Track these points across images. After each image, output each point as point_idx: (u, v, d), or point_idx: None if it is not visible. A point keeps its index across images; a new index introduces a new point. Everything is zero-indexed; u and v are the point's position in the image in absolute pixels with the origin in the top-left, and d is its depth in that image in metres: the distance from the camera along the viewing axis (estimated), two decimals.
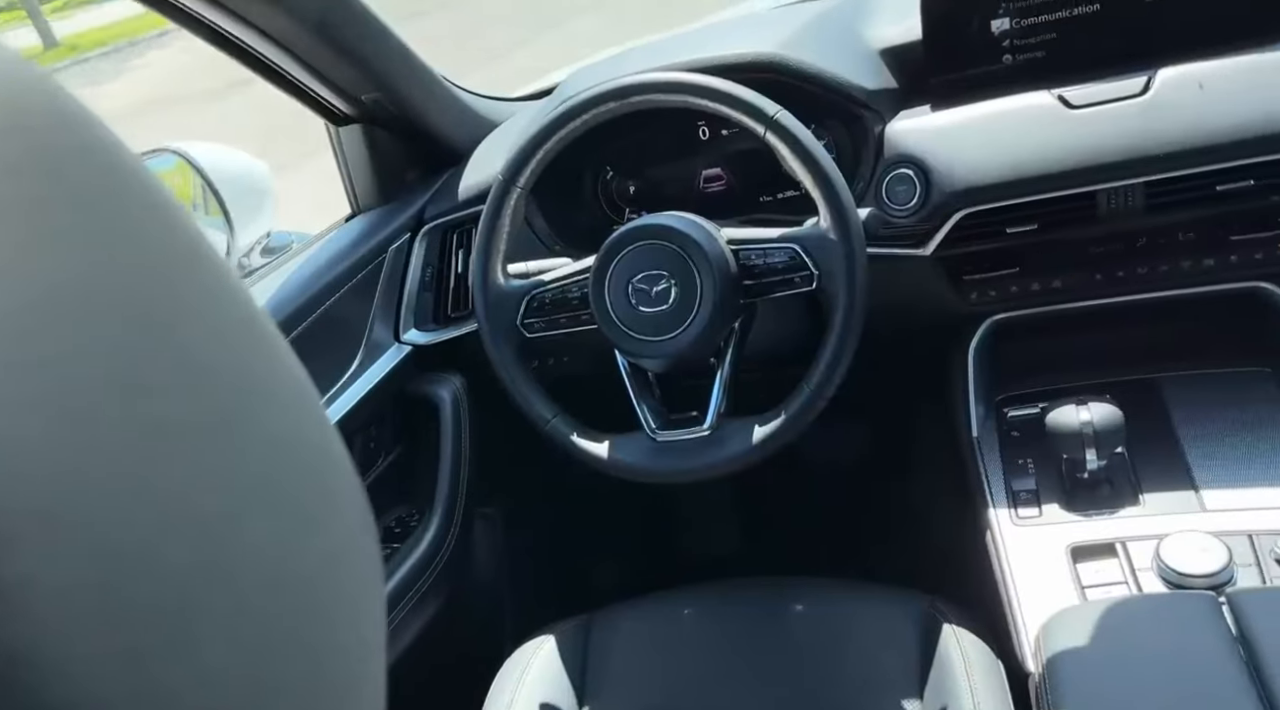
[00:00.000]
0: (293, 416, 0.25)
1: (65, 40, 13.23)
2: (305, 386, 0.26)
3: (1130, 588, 0.84)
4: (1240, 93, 0.92)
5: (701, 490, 1.53)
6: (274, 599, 0.22)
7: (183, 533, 0.19)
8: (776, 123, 0.92)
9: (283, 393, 0.25)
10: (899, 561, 1.22)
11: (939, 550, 1.12)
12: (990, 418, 1.08)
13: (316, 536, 0.25)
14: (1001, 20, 1.03)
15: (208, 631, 0.19)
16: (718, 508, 1.62)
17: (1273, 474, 0.90)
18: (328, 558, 0.25)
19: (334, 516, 0.27)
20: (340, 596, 0.26)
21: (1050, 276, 1.05)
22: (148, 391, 0.19)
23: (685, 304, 0.93)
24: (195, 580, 0.19)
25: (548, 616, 1.10)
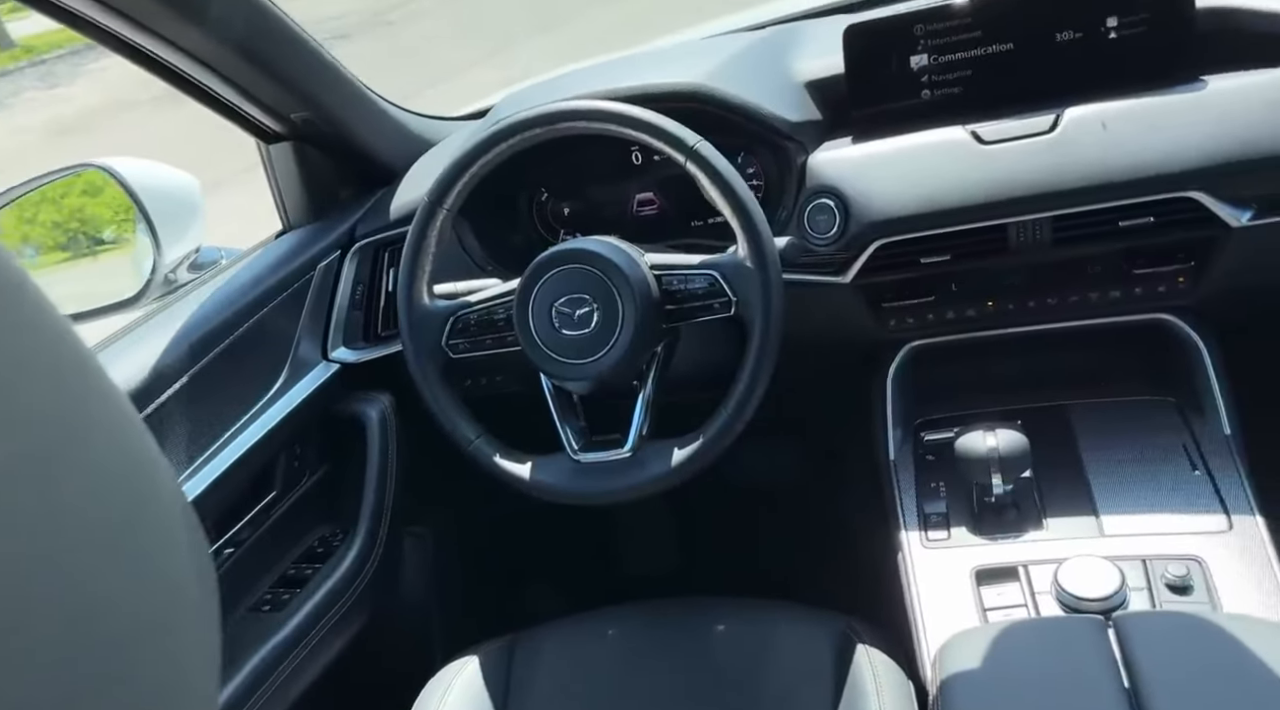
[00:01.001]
0: (114, 455, 0.26)
1: (22, 42, 12.93)
2: (129, 423, 0.26)
3: (1029, 610, 0.87)
4: (1141, 133, 0.96)
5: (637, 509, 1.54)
6: (88, 635, 0.22)
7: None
8: (696, 153, 0.94)
9: (102, 431, 0.25)
10: (824, 582, 1.24)
11: (860, 571, 1.15)
12: (908, 441, 1.10)
13: (137, 574, 0.26)
14: (920, 56, 1.06)
15: (16, 665, 0.19)
16: (654, 527, 1.63)
17: (1170, 501, 0.94)
18: (147, 596, 0.26)
19: (161, 555, 0.27)
20: (167, 635, 0.26)
21: (965, 305, 1.08)
22: None
23: (607, 328, 0.95)
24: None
25: (479, 636, 1.10)
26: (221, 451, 1.02)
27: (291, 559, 1.13)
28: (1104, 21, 1.00)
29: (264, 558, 1.09)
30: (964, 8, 1.03)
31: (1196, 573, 0.85)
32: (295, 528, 1.13)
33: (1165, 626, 0.75)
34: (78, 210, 1.28)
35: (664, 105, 1.04)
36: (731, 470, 1.51)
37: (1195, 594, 0.84)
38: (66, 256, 1.36)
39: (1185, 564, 0.85)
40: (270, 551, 1.10)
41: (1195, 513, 0.91)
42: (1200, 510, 0.91)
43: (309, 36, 1.05)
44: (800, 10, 1.30)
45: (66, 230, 1.32)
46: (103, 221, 1.29)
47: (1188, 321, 1.03)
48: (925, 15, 1.04)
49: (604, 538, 1.64)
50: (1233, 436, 0.98)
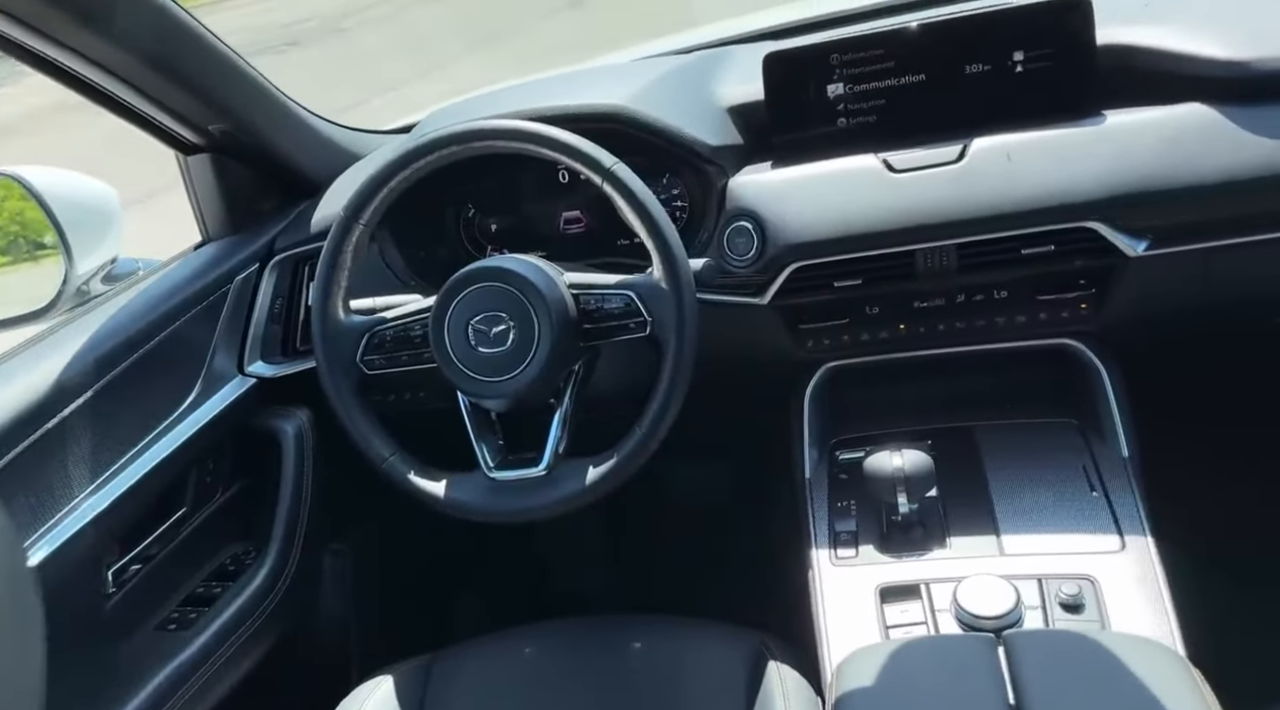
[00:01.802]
0: None
1: None
2: None
3: (929, 628, 0.88)
4: (1043, 165, 0.99)
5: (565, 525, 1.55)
6: None
7: None
8: (612, 174, 0.95)
9: None
10: (745, 599, 1.25)
11: (779, 588, 1.16)
12: (824, 460, 1.12)
13: None
14: (836, 85, 1.09)
15: None
16: (582, 544, 1.63)
17: (1068, 521, 0.96)
18: None
19: None
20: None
21: (878, 328, 1.11)
22: None
23: (523, 346, 0.95)
24: None
25: (401, 655, 1.10)
26: (129, 467, 1.00)
27: (201, 577, 1.10)
28: (1011, 55, 1.04)
29: (172, 575, 1.07)
30: (877, 39, 1.06)
31: (1089, 592, 0.88)
32: (206, 545, 1.11)
33: (1052, 645, 0.77)
34: (17, 214, 1.26)
35: (586, 126, 1.05)
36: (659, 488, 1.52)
37: (1087, 613, 0.86)
38: (6, 261, 1.33)
39: (1078, 583, 0.88)
40: (179, 569, 1.08)
41: (1090, 533, 0.94)
42: (1095, 531, 0.94)
43: (227, 47, 1.04)
44: (726, 36, 1.32)
45: (7, 234, 1.29)
46: (43, 226, 1.26)
47: (1090, 346, 1.07)
48: (841, 45, 1.07)
49: (532, 554, 1.64)
50: (1130, 459, 1.01)
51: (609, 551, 1.64)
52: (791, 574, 1.09)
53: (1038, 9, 1.01)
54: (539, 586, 1.65)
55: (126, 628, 1.01)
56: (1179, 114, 0.97)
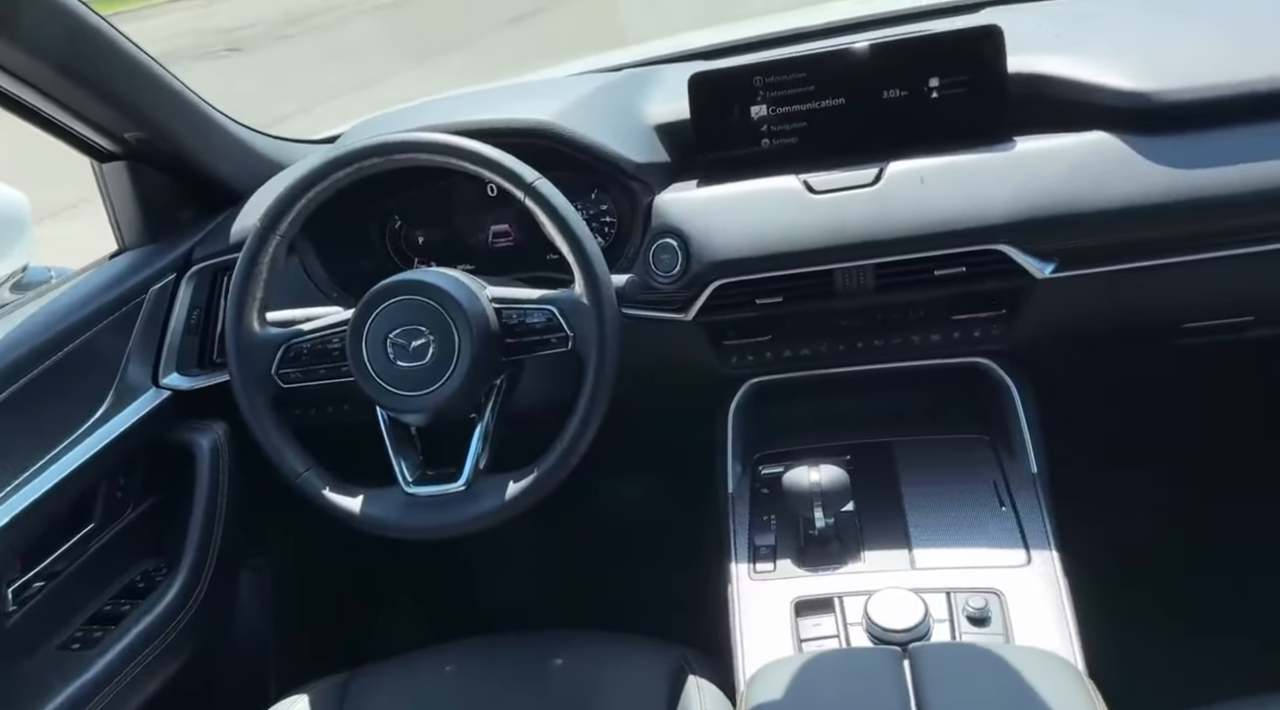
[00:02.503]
0: None
1: None
2: None
3: (841, 641, 0.90)
4: (955, 189, 1.02)
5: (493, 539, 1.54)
6: None
7: None
8: (534, 189, 0.95)
9: None
10: (671, 613, 1.25)
11: (702, 602, 1.17)
12: (746, 475, 1.14)
13: None
14: (760, 107, 1.11)
15: None
16: (510, 557, 1.62)
17: (977, 535, 0.99)
18: None
19: None
20: None
21: (800, 345, 1.12)
22: None
23: (443, 360, 0.95)
24: None
25: (319, 672, 1.08)
26: (32, 481, 0.97)
27: (110, 594, 1.07)
28: (927, 82, 1.07)
29: (78, 593, 1.04)
30: (799, 63, 1.09)
31: (995, 605, 0.90)
32: (115, 562, 1.08)
33: (954, 658, 0.79)
34: None
35: (512, 140, 1.06)
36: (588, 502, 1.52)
37: (992, 625, 0.88)
38: None
39: (984, 597, 0.90)
40: (86, 586, 1.05)
41: (998, 547, 0.96)
42: (1003, 545, 0.97)
43: (144, 53, 1.03)
44: (655, 56, 1.33)
45: None
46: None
47: (1001, 365, 1.10)
48: (764, 68, 1.09)
49: (460, 568, 1.62)
50: (1039, 474, 1.04)
51: (537, 565, 1.63)
52: (714, 588, 1.10)
53: (952, 37, 1.05)
54: (466, 601, 1.63)
55: (27, 647, 0.98)
56: (1085, 142, 1.01)
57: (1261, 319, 1.05)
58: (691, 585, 1.26)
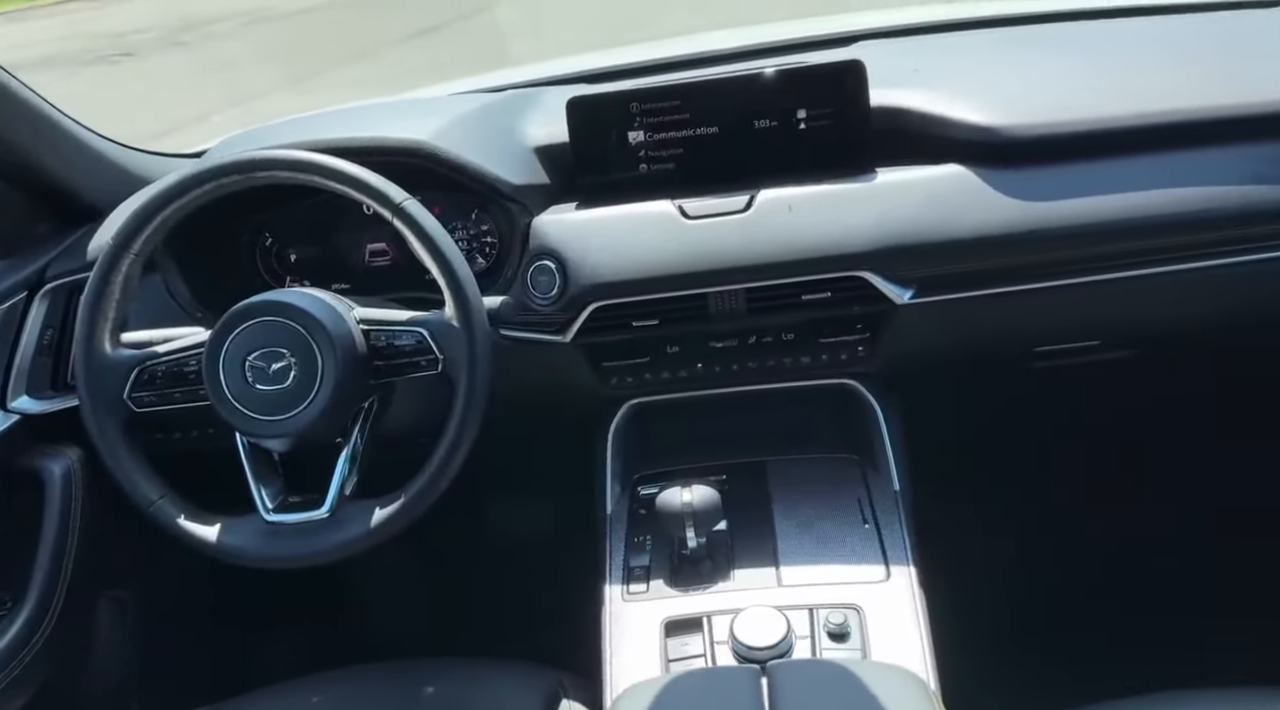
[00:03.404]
0: None
1: None
2: None
3: (707, 660, 0.91)
4: (820, 217, 1.05)
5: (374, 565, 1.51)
6: None
7: None
8: (402, 210, 0.94)
9: None
10: (553, 636, 1.25)
11: (580, 624, 1.17)
12: (624, 496, 1.14)
13: None
14: (637, 133, 1.13)
15: None
16: (391, 583, 1.59)
17: (840, 552, 1.02)
18: None
19: None
20: None
21: (677, 366, 1.14)
22: None
23: (305, 383, 0.92)
24: None
25: (187, 706, 1.03)
26: None
27: None
28: (795, 113, 1.10)
29: None
30: (674, 91, 1.11)
31: (854, 621, 0.93)
32: None
33: (809, 675, 0.81)
34: None
35: (383, 159, 1.05)
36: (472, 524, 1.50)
37: (851, 641, 0.91)
38: None
39: (844, 612, 0.93)
40: None
41: (860, 564, 0.99)
42: (864, 561, 1.00)
43: None
44: (538, 78, 1.34)
45: None
46: None
47: (867, 386, 1.13)
48: (640, 95, 1.11)
49: (338, 593, 1.58)
50: (901, 492, 1.08)
51: (418, 589, 1.60)
52: (590, 609, 1.10)
53: (818, 71, 1.08)
54: (344, 626, 1.59)
55: None
56: (940, 174, 1.06)
57: (1107, 343, 1.11)
58: (570, 607, 1.26)
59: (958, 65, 1.20)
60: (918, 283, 1.05)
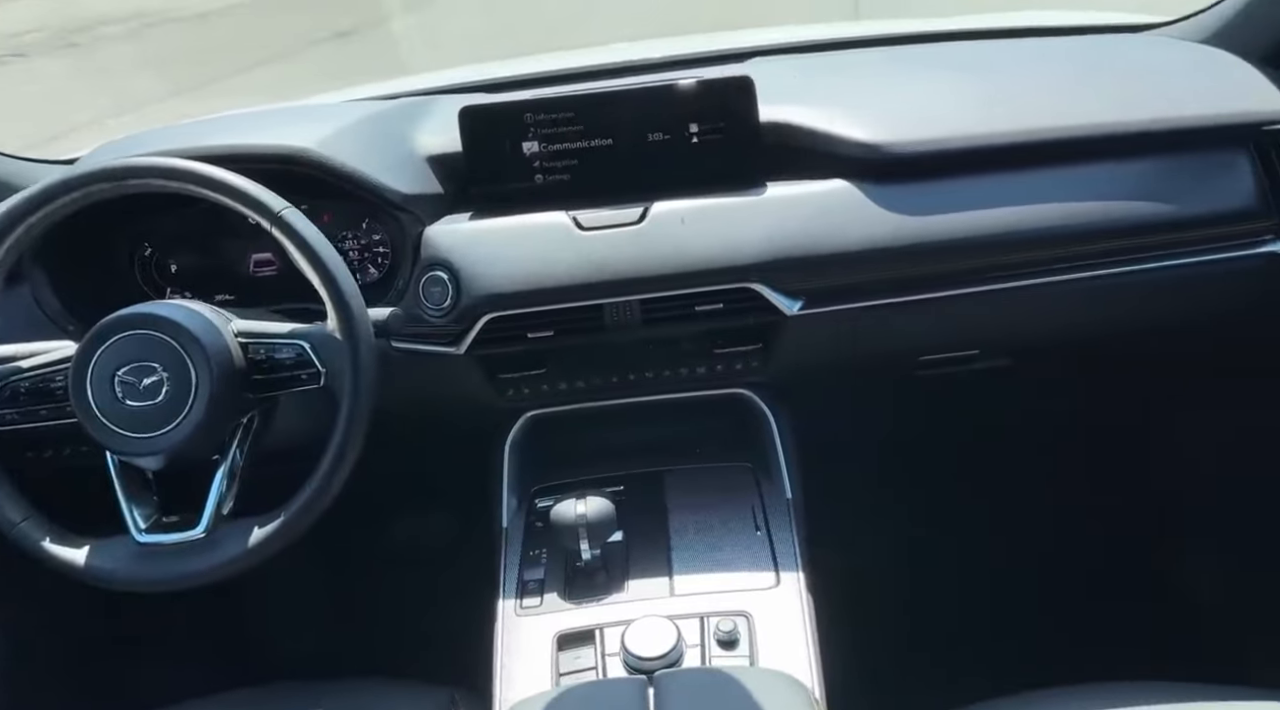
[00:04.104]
0: None
1: None
2: None
3: (598, 673, 0.91)
4: (711, 230, 1.07)
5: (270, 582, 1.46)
6: None
7: None
8: (280, 219, 0.92)
9: None
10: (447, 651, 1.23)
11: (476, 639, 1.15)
12: (522, 509, 1.13)
13: None
14: (532, 143, 1.12)
15: None
16: (289, 601, 1.54)
17: (732, 560, 1.03)
18: None
19: None
20: None
21: (575, 378, 1.14)
22: None
23: (178, 399, 0.89)
24: None
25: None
26: None
27: None
28: (688, 127, 1.12)
29: None
30: (568, 102, 1.11)
31: (744, 628, 0.93)
32: None
33: (694, 685, 0.82)
34: None
35: (266, 167, 1.02)
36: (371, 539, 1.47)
37: (740, 648, 0.92)
38: None
39: (733, 620, 0.93)
40: None
41: (751, 571, 1.01)
42: (755, 568, 1.01)
43: None
44: (434, 86, 1.33)
45: None
46: None
47: (760, 395, 1.15)
48: (534, 105, 1.11)
49: (231, 611, 1.52)
50: (793, 499, 1.09)
51: (311, 608, 1.56)
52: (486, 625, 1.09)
53: (708, 86, 1.10)
54: (238, 646, 1.53)
55: None
56: (827, 189, 1.09)
57: (986, 352, 1.16)
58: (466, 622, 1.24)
59: (846, 83, 1.23)
60: (807, 294, 1.07)
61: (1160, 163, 1.07)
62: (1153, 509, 1.41)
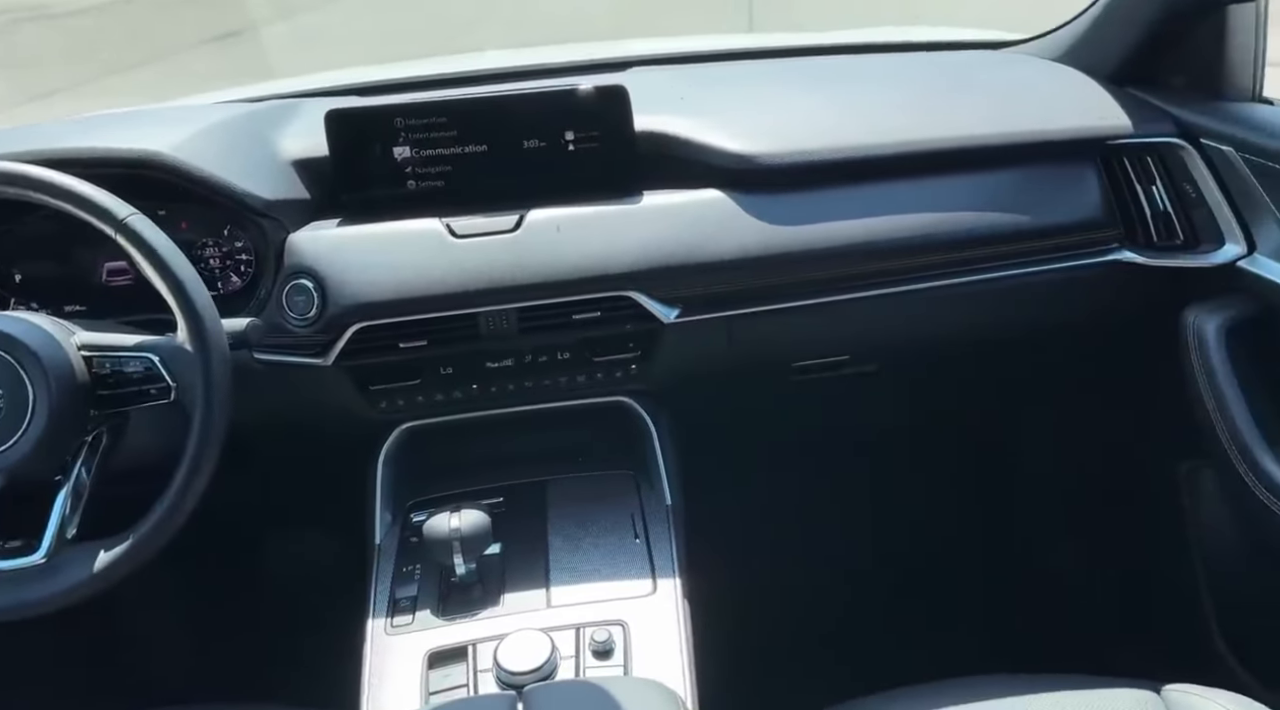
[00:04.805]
0: None
1: None
2: None
3: (469, 690, 0.89)
4: (588, 238, 1.06)
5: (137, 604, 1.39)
6: None
7: None
8: (126, 226, 0.88)
9: None
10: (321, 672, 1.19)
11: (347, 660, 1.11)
12: (396, 524, 1.10)
13: None
14: (403, 148, 1.10)
15: None
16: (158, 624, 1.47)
17: (610, 568, 1.02)
18: None
19: None
20: None
21: (451, 388, 1.12)
22: None
23: (14, 416, 0.84)
24: None
25: None
26: None
27: None
28: (564, 134, 1.11)
29: None
30: (440, 107, 1.09)
31: (619, 637, 0.93)
32: None
33: (564, 696, 0.81)
34: None
35: (115, 171, 0.97)
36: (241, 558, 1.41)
37: (614, 658, 0.91)
38: None
39: (609, 629, 0.93)
40: None
41: (628, 579, 1.00)
42: (632, 576, 1.01)
43: None
44: (301, 89, 1.29)
45: None
46: None
47: (640, 403, 1.15)
48: (404, 110, 1.09)
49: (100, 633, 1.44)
50: (672, 506, 1.10)
51: (186, 631, 1.48)
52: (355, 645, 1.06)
53: (582, 94, 1.10)
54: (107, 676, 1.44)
55: None
56: (701, 198, 1.10)
57: (855, 358, 1.19)
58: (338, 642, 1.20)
59: (721, 94, 1.25)
60: (683, 302, 1.08)
61: (1014, 175, 1.12)
62: (1016, 508, 1.47)
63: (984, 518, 1.47)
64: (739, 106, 1.21)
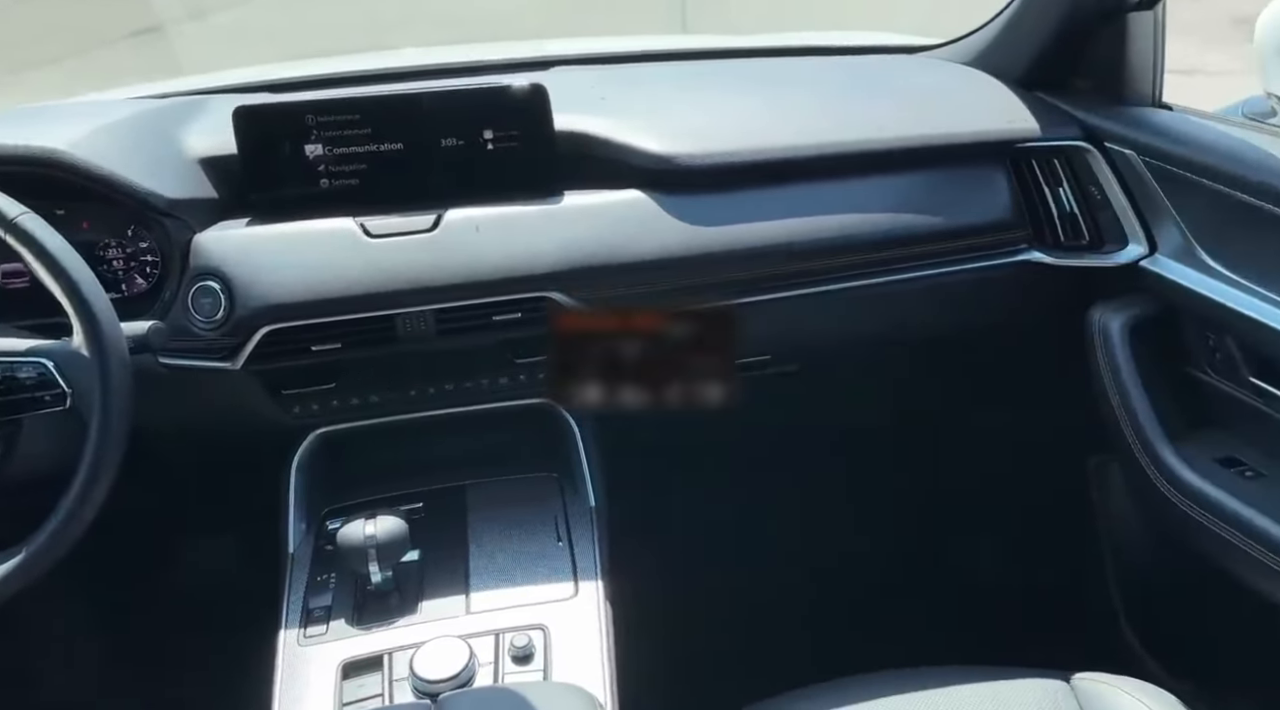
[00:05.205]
0: None
1: None
2: None
3: (385, 699, 0.87)
4: (507, 238, 1.05)
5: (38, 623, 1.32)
6: None
7: None
8: (15, 226, 0.84)
9: None
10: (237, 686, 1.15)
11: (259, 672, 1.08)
12: (311, 533, 1.07)
13: None
14: (315, 146, 1.07)
15: None
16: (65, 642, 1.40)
17: (532, 572, 1.01)
18: None
19: None
20: None
21: (367, 392, 1.09)
22: None
23: None
24: None
25: None
26: None
27: None
28: (482, 133, 1.09)
29: None
30: (353, 104, 1.07)
31: (539, 641, 0.92)
32: None
33: (480, 703, 0.79)
34: None
35: (8, 169, 0.93)
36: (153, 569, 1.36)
37: (534, 662, 0.90)
38: None
39: (528, 634, 0.92)
40: None
41: (549, 582, 0.99)
42: (554, 579, 1.00)
43: None
44: (210, 85, 1.25)
45: None
46: None
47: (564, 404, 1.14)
48: (316, 106, 1.06)
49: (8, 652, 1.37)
50: (596, 507, 1.09)
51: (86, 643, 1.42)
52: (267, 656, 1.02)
53: (501, 92, 1.09)
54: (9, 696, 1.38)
55: None
56: (622, 198, 1.09)
57: (777, 357, 1.19)
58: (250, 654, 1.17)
59: (643, 95, 1.25)
60: (605, 303, 1.07)
61: (928, 177, 1.14)
62: (932, 507, 1.50)
63: (900, 516, 1.50)
64: (660, 107, 1.21)
